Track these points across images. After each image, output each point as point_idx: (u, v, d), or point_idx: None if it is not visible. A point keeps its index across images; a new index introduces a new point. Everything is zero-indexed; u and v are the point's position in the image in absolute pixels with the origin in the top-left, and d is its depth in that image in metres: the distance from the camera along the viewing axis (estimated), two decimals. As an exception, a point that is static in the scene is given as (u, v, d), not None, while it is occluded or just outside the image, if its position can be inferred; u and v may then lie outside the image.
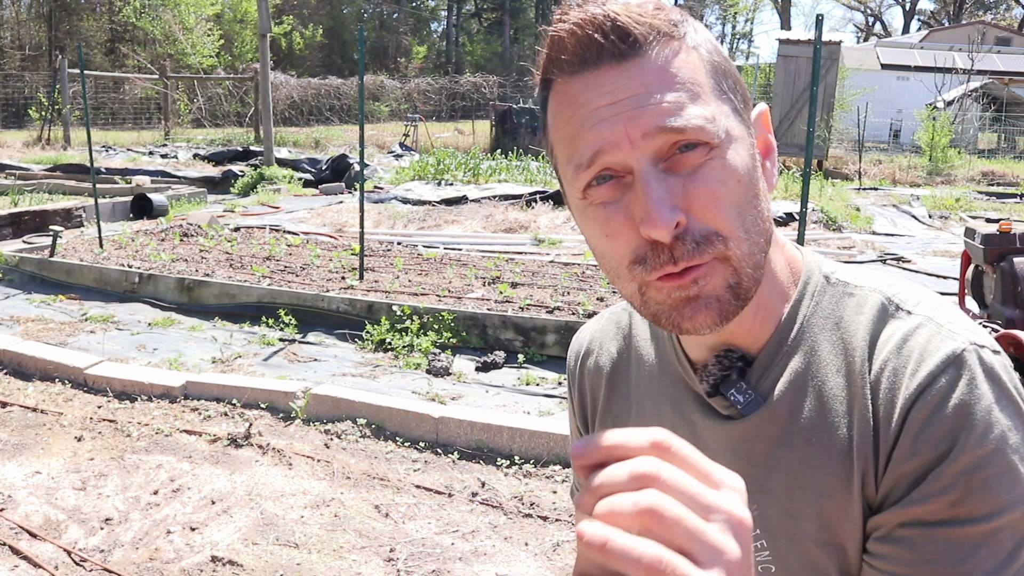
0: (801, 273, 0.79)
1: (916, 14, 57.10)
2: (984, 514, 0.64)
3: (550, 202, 12.09)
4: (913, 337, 0.70)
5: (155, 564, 3.07)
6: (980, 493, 0.64)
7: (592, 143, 0.68)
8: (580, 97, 0.69)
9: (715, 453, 0.79)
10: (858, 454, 0.70)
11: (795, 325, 0.77)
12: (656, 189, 0.66)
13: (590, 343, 0.98)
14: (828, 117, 18.91)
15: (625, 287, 0.73)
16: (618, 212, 0.69)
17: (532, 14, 59.61)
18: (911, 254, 9.81)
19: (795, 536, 0.74)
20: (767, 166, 0.75)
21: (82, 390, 4.86)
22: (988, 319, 4.67)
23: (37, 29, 45.67)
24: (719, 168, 0.67)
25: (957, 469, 0.65)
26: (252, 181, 15.68)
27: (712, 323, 0.70)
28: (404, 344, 5.73)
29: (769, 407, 0.75)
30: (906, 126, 26.91)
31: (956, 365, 0.67)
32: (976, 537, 0.64)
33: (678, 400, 0.84)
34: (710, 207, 0.67)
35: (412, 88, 33.92)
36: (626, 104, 0.67)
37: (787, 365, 0.76)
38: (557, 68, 0.70)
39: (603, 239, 0.71)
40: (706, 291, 0.69)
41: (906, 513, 0.67)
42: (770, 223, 0.73)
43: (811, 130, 4.91)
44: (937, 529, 0.66)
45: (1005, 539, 0.64)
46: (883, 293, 0.75)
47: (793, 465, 0.74)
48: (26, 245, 8.85)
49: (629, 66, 0.67)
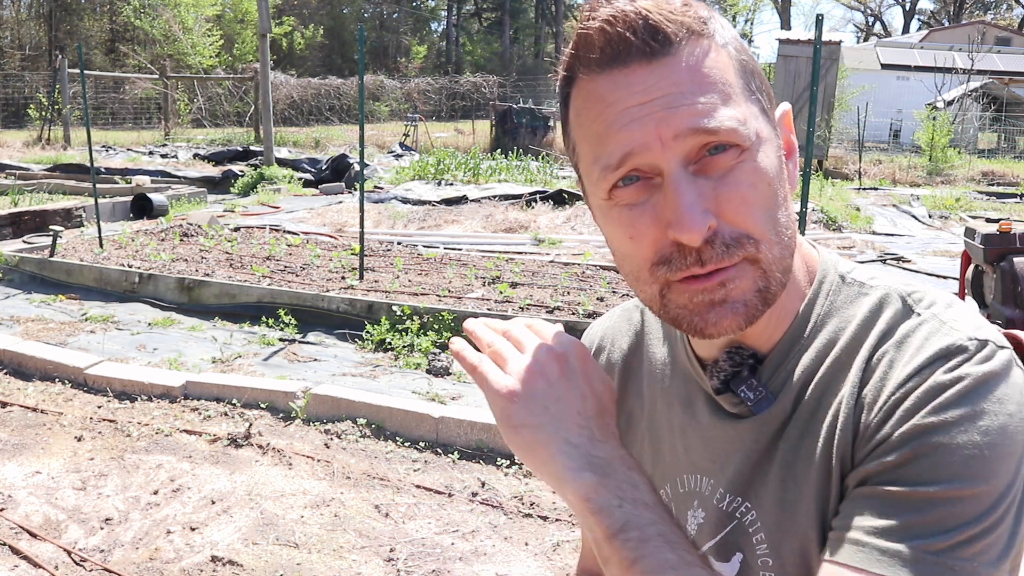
0: (816, 272, 0.78)
1: (916, 14, 57.13)
2: (927, 480, 0.62)
3: (550, 202, 12.09)
4: (915, 333, 0.69)
5: (155, 564, 3.07)
6: (929, 459, 0.63)
7: (622, 144, 0.66)
8: (608, 96, 0.67)
9: (723, 453, 0.79)
10: (839, 442, 0.70)
11: (809, 324, 0.76)
12: (688, 192, 0.65)
13: (602, 339, 0.97)
14: (828, 117, 18.93)
15: (645, 290, 0.72)
16: (645, 214, 0.68)
17: (532, 14, 59.63)
18: (911, 254, 9.81)
19: (789, 528, 0.73)
20: (789, 167, 0.74)
21: (82, 390, 4.86)
22: (988, 319, 4.67)
23: (37, 29, 45.68)
24: (750, 171, 0.66)
25: (911, 432, 0.64)
26: (252, 181, 15.68)
27: (736, 328, 0.69)
28: (404, 344, 5.74)
29: (779, 405, 0.75)
30: (906, 126, 26.92)
31: (947, 356, 0.66)
32: (914, 502, 0.63)
33: (688, 399, 0.83)
34: (741, 211, 0.66)
35: (412, 88, 33.92)
36: (657, 104, 0.65)
37: (798, 363, 0.75)
38: (583, 65, 0.69)
39: (627, 241, 0.69)
40: (733, 295, 0.68)
41: (859, 473, 0.67)
42: (796, 225, 0.72)
43: (811, 130, 4.92)
44: (879, 487, 0.65)
45: (943, 512, 0.62)
46: (898, 293, 0.74)
47: (787, 456, 0.74)
48: (26, 245, 8.85)
49: (659, 65, 0.66)
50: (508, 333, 0.80)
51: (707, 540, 0.81)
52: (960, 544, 0.61)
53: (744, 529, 0.77)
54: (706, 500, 0.81)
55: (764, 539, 0.75)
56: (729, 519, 0.78)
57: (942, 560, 0.61)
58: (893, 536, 0.63)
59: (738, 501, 0.78)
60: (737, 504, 0.78)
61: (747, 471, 0.77)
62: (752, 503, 0.76)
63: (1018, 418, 0.64)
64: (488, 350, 0.78)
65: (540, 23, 59.49)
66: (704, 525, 0.81)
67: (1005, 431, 0.63)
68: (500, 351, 0.78)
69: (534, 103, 25.65)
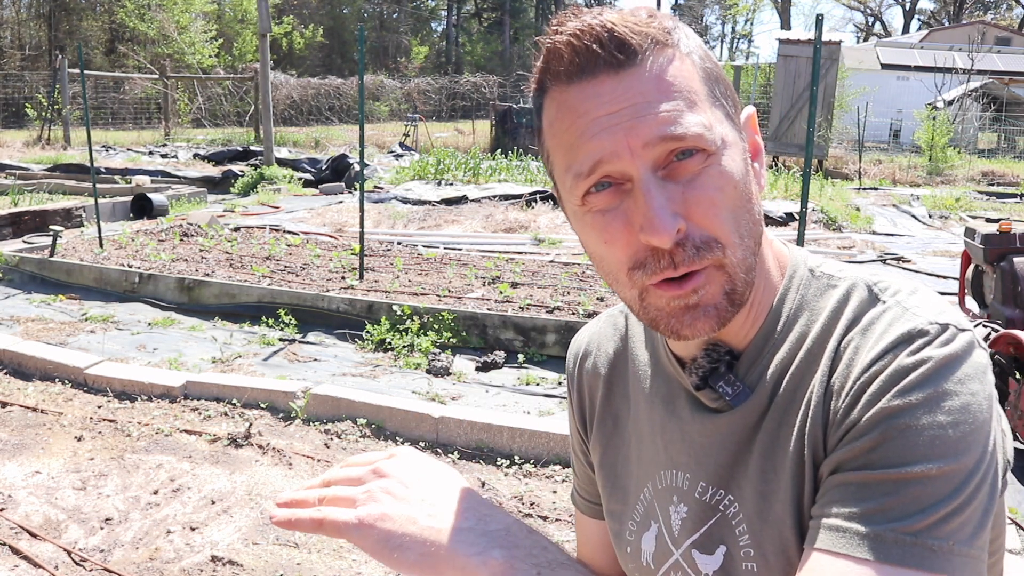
0: (787, 268, 0.81)
1: (916, 14, 57.12)
2: (896, 463, 0.64)
3: (550, 202, 12.09)
4: (879, 320, 0.72)
5: (155, 564, 3.07)
6: (897, 442, 0.64)
7: (592, 153, 0.69)
8: (578, 106, 0.69)
9: (702, 447, 0.81)
10: (810, 430, 0.72)
11: (781, 318, 0.78)
12: (657, 197, 0.67)
13: (588, 345, 0.99)
14: (828, 117, 18.92)
15: (625, 292, 0.74)
16: (617, 219, 0.70)
17: (532, 14, 59.62)
18: (911, 254, 9.82)
19: (768, 518, 0.74)
20: (756, 167, 0.77)
21: (82, 390, 4.86)
22: (988, 319, 4.66)
23: (37, 29, 45.67)
24: (716, 175, 0.69)
25: (879, 416, 0.66)
26: (252, 181, 15.69)
27: (710, 329, 0.72)
28: (404, 344, 5.73)
29: (756, 397, 0.77)
30: (906, 126, 26.93)
31: (908, 340, 0.68)
32: (885, 484, 0.64)
33: (670, 398, 0.85)
34: (709, 214, 0.69)
35: (412, 88, 33.92)
36: (625, 114, 0.67)
37: (773, 357, 0.77)
38: (554, 77, 0.71)
39: (601, 245, 0.72)
40: (705, 300, 0.71)
41: (831, 460, 0.69)
42: (761, 225, 0.75)
43: (811, 130, 4.91)
44: (851, 473, 0.66)
45: (915, 492, 0.63)
46: (865, 283, 0.76)
47: (766, 447, 0.75)
48: (26, 245, 8.86)
49: (626, 75, 0.68)
50: (329, 480, 0.79)
51: (690, 534, 0.82)
52: (936, 523, 0.63)
53: (727, 521, 0.78)
54: (686, 495, 0.83)
55: (746, 530, 0.77)
56: (712, 512, 0.80)
57: (920, 540, 0.63)
58: (871, 520, 0.64)
59: (721, 494, 0.79)
60: (720, 497, 0.79)
61: (728, 463, 0.79)
62: (735, 495, 0.78)
63: (981, 396, 0.66)
64: (324, 503, 0.76)
65: (540, 23, 59.47)
66: (687, 519, 0.82)
67: (968, 410, 0.65)
68: (335, 496, 0.75)
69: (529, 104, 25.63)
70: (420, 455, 0.79)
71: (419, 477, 0.75)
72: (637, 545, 0.89)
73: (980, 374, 0.67)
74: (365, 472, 0.77)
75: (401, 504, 0.72)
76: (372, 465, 0.77)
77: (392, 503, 0.72)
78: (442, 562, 0.69)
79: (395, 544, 0.70)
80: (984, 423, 0.65)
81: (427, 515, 0.71)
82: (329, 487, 0.77)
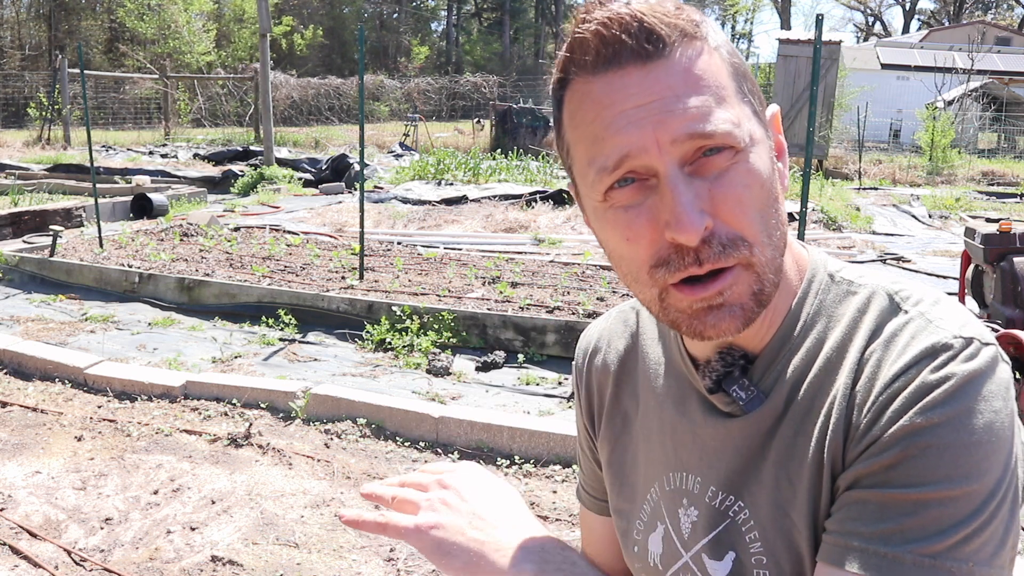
0: (806, 271, 0.79)
1: (916, 14, 57.11)
2: (917, 482, 0.63)
3: (550, 202, 12.08)
4: (902, 332, 0.70)
5: (155, 564, 3.07)
6: (918, 460, 0.64)
7: (619, 147, 0.67)
8: (604, 98, 0.67)
9: (714, 451, 0.80)
10: (830, 441, 0.70)
11: (798, 323, 0.77)
12: (685, 193, 0.65)
13: (598, 341, 0.98)
14: (828, 117, 18.92)
15: (644, 292, 0.72)
16: (641, 215, 0.68)
17: (532, 14, 59.64)
18: (911, 254, 9.81)
19: (783, 527, 0.74)
20: (780, 167, 0.75)
21: (82, 390, 4.86)
22: (988, 319, 4.67)
23: (37, 29, 45.68)
24: (744, 172, 0.67)
25: (900, 434, 0.65)
26: (252, 181, 15.68)
27: (735, 329, 0.70)
28: (404, 344, 5.73)
29: (770, 404, 0.76)
30: (906, 126, 26.91)
31: (933, 355, 0.67)
32: (905, 505, 0.64)
33: (681, 398, 0.84)
34: (736, 211, 0.67)
35: (412, 88, 33.92)
36: (653, 107, 0.65)
37: (789, 362, 0.76)
38: (578, 67, 0.69)
39: (623, 243, 0.70)
40: (731, 299, 0.69)
41: (850, 474, 0.68)
42: (786, 225, 0.73)
43: (811, 130, 4.91)
44: (870, 491, 0.66)
45: (935, 513, 0.63)
46: (886, 291, 0.74)
47: (781, 455, 0.74)
48: (26, 245, 8.85)
49: (654, 67, 0.66)
50: (405, 482, 0.88)
51: (700, 538, 0.81)
52: (955, 545, 0.62)
53: (737, 528, 0.78)
54: (697, 498, 0.82)
55: (758, 537, 0.76)
56: (722, 517, 0.79)
57: (939, 563, 0.62)
58: (890, 541, 0.63)
59: (731, 500, 0.78)
60: (730, 503, 0.78)
61: (740, 469, 0.78)
62: (746, 502, 0.77)
63: (1003, 414, 0.65)
64: (393, 503, 0.86)
65: (540, 23, 59.50)
66: (698, 523, 0.82)
67: (991, 428, 0.64)
68: (404, 498, 0.85)
69: (534, 103, 25.67)
70: (481, 470, 0.87)
71: (476, 491, 0.83)
72: (644, 545, 0.89)
73: (1003, 391, 0.66)
74: (432, 480, 0.85)
75: (454, 515, 0.80)
76: (439, 475, 0.86)
77: (447, 513, 0.81)
78: (482, 571, 0.77)
79: (444, 551, 0.79)
80: (1006, 441, 0.65)
81: (474, 527, 0.80)
82: (403, 487, 0.86)
